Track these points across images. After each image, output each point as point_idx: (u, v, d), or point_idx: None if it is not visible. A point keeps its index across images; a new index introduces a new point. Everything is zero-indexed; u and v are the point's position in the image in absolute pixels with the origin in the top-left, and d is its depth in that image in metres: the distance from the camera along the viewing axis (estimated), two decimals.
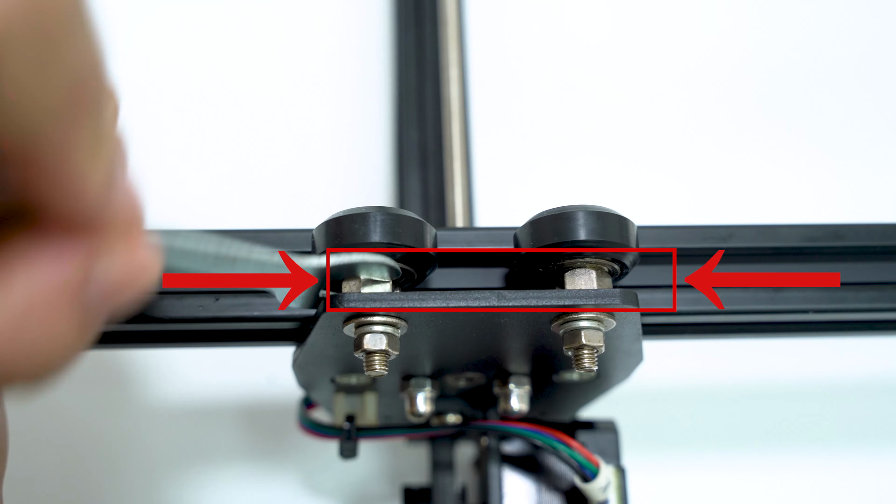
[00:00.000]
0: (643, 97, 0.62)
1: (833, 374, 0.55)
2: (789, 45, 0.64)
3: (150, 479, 0.51)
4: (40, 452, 0.51)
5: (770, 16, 0.65)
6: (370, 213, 0.32)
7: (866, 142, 0.62)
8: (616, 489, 0.40)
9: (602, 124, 0.61)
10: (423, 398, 0.39)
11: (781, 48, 0.64)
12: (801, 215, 0.58)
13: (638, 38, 0.64)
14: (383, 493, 0.51)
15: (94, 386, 0.52)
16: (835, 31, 0.65)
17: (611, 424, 0.43)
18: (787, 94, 0.63)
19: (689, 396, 0.54)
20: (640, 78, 0.63)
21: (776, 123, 0.62)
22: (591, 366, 0.32)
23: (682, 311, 0.37)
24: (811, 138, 0.62)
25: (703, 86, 0.63)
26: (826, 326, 0.40)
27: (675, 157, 0.61)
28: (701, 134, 0.61)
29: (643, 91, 0.63)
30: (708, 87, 0.63)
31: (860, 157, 0.62)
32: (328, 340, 0.34)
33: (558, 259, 0.33)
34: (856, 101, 0.63)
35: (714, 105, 0.62)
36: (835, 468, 0.53)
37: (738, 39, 0.65)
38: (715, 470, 0.53)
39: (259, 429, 0.52)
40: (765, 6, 0.66)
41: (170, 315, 0.35)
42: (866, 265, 0.39)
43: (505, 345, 0.36)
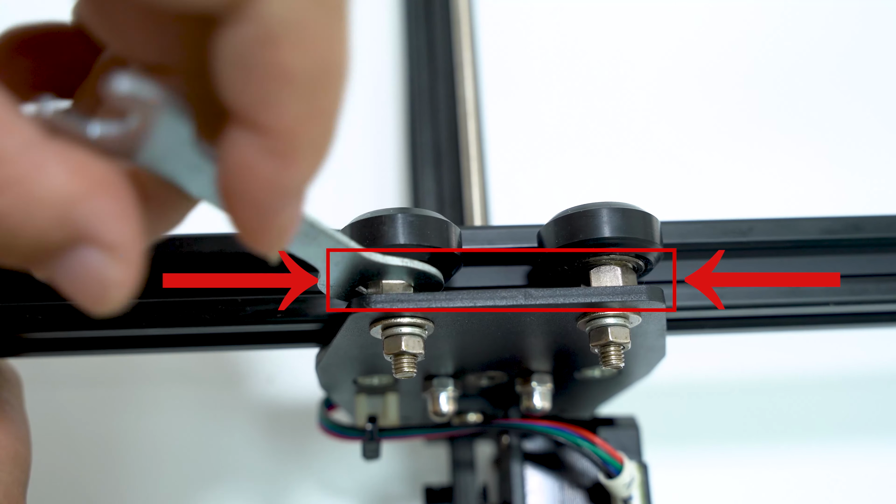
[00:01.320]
0: (657, 94, 0.62)
1: (856, 365, 0.55)
2: (802, 42, 0.64)
3: (170, 481, 0.51)
4: (56, 456, 0.51)
5: (781, 14, 0.65)
6: (396, 214, 0.32)
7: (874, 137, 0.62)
8: (639, 485, 0.40)
9: (615, 121, 0.61)
10: (446, 398, 0.39)
11: (793, 45, 0.64)
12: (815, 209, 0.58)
13: (650, 35, 0.64)
14: (404, 493, 0.51)
15: (110, 388, 0.52)
16: (853, 27, 0.65)
17: (631, 420, 0.43)
18: (795, 90, 0.63)
19: (708, 391, 0.54)
20: (653, 75, 0.63)
21: (784, 120, 0.62)
22: (618, 362, 0.32)
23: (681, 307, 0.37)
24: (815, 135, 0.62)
25: (716, 83, 0.63)
26: (848, 318, 0.40)
27: (688, 152, 0.61)
28: (714, 131, 0.61)
29: (657, 88, 0.63)
30: (720, 85, 0.63)
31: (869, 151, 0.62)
32: (354, 342, 0.34)
33: (583, 257, 0.33)
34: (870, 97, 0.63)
35: (727, 101, 0.62)
36: (860, 461, 0.53)
37: (751, 35, 0.65)
38: (734, 465, 0.53)
39: (278, 430, 0.52)
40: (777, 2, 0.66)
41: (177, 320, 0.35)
42: (885, 257, 0.39)
43: (528, 343, 0.36)
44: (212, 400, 0.53)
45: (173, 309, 0.34)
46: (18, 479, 0.34)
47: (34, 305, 0.34)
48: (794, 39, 0.64)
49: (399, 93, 0.61)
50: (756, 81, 0.63)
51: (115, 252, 0.22)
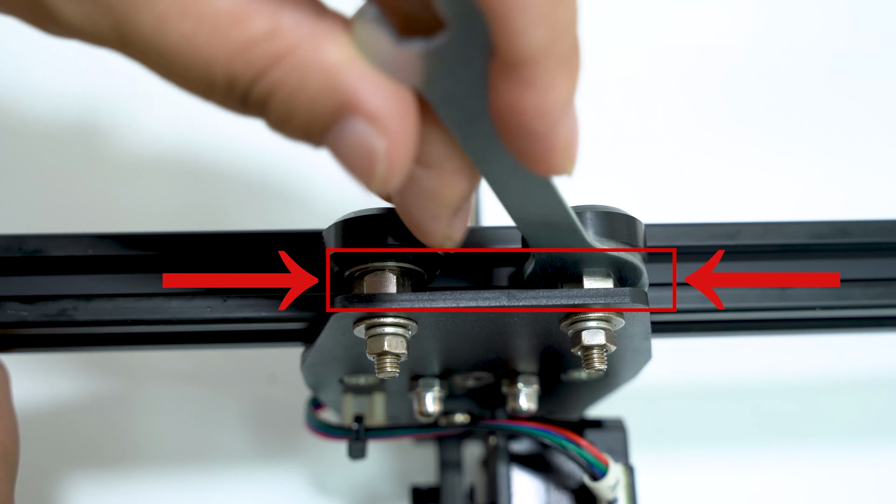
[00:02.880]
0: (649, 96, 0.62)
1: (842, 370, 0.55)
2: (793, 43, 0.64)
3: (157, 480, 0.51)
4: (44, 453, 0.51)
5: (773, 15, 0.65)
6: (381, 214, 0.32)
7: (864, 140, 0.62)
8: (625, 487, 0.40)
9: (606, 123, 0.61)
10: (432, 398, 0.39)
11: (783, 46, 0.64)
12: (803, 213, 0.58)
13: (643, 36, 0.64)
14: (391, 493, 0.51)
15: (101, 385, 0.52)
16: (844, 28, 0.65)
17: (619, 423, 0.43)
18: (785, 92, 0.63)
19: (694, 393, 0.55)
20: (642, 76, 0.63)
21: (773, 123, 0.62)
22: (600, 365, 0.32)
23: (681, 310, 0.37)
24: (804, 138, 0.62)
25: (711, 84, 0.63)
26: (833, 323, 0.40)
27: (679, 155, 0.61)
28: (704, 133, 0.61)
29: (649, 90, 0.62)
30: (711, 86, 0.63)
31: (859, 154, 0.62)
32: (337, 342, 0.34)
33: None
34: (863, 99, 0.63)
35: (719, 104, 0.62)
36: (844, 464, 0.53)
37: (743, 37, 0.65)
38: (722, 468, 0.53)
39: (266, 430, 0.52)
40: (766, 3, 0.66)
41: (178, 316, 0.35)
42: (872, 261, 0.39)
43: (514, 344, 0.36)
44: (205, 399, 0.53)
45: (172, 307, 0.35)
46: (7, 474, 0.34)
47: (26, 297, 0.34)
48: (785, 41, 0.64)
49: None
50: (744, 83, 0.63)
51: (379, 122, 0.23)
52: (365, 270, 0.32)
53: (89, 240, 0.35)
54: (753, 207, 0.59)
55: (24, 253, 0.35)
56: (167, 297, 0.35)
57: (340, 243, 0.32)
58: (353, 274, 0.33)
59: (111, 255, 0.35)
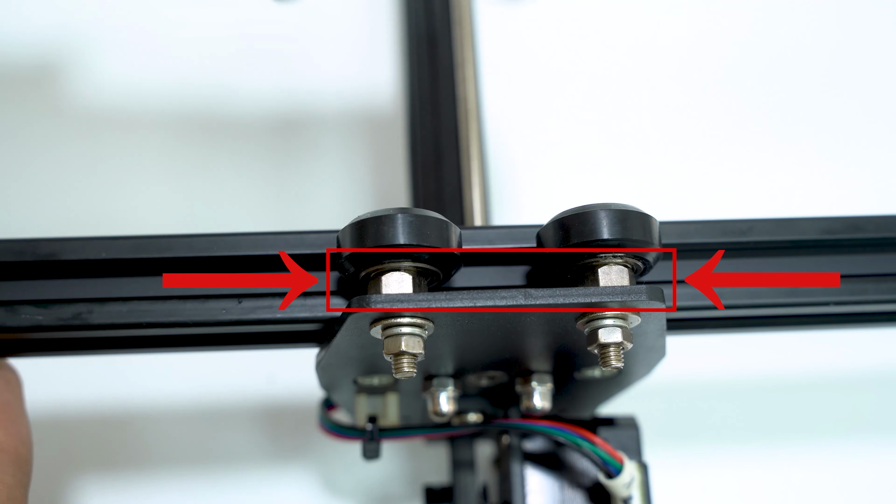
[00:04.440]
0: (657, 94, 0.62)
1: (857, 365, 0.55)
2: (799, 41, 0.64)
3: (171, 481, 0.51)
4: (54, 457, 0.51)
5: (781, 14, 0.65)
6: (396, 214, 0.32)
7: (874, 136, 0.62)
8: (639, 485, 0.40)
9: (615, 121, 0.61)
10: (446, 398, 0.39)
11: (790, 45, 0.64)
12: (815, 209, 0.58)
13: (650, 37, 0.64)
14: (404, 493, 0.51)
15: (110, 389, 0.52)
16: (848, 26, 0.65)
17: (631, 420, 0.43)
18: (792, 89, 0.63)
19: (708, 391, 0.54)
20: (653, 75, 0.63)
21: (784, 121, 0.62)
22: (617, 363, 0.32)
23: (682, 307, 0.37)
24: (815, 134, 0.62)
25: (714, 83, 0.63)
26: (848, 318, 0.40)
27: (687, 152, 0.61)
28: (713, 130, 0.61)
29: (657, 88, 0.62)
30: (719, 85, 0.63)
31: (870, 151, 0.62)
32: (353, 342, 0.34)
33: (583, 257, 0.33)
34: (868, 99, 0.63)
35: (727, 101, 0.62)
36: (860, 461, 0.53)
37: (749, 36, 0.65)
38: (734, 465, 0.53)
39: (279, 430, 0.52)
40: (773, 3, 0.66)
41: (194, 319, 0.35)
42: (888, 256, 0.39)
43: (528, 343, 0.36)
44: (212, 400, 0.53)
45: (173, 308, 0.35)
46: (21, 480, 0.34)
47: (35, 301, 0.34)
48: (792, 39, 0.64)
49: (399, 92, 0.60)
50: (753, 81, 0.63)
51: None
52: (381, 270, 0.32)
53: (103, 242, 0.35)
54: (754, 207, 0.59)
55: (38, 257, 0.34)
56: (182, 300, 0.35)
57: (356, 243, 0.32)
58: (368, 274, 0.33)
59: (125, 258, 0.35)
